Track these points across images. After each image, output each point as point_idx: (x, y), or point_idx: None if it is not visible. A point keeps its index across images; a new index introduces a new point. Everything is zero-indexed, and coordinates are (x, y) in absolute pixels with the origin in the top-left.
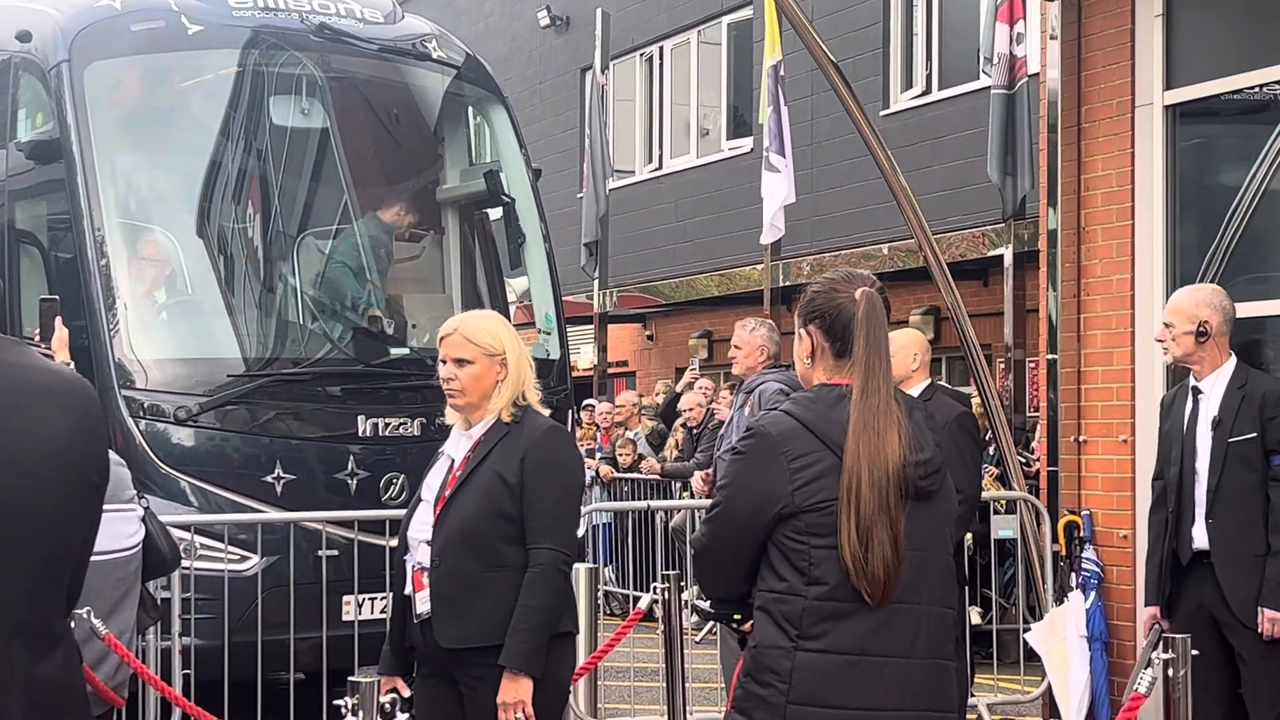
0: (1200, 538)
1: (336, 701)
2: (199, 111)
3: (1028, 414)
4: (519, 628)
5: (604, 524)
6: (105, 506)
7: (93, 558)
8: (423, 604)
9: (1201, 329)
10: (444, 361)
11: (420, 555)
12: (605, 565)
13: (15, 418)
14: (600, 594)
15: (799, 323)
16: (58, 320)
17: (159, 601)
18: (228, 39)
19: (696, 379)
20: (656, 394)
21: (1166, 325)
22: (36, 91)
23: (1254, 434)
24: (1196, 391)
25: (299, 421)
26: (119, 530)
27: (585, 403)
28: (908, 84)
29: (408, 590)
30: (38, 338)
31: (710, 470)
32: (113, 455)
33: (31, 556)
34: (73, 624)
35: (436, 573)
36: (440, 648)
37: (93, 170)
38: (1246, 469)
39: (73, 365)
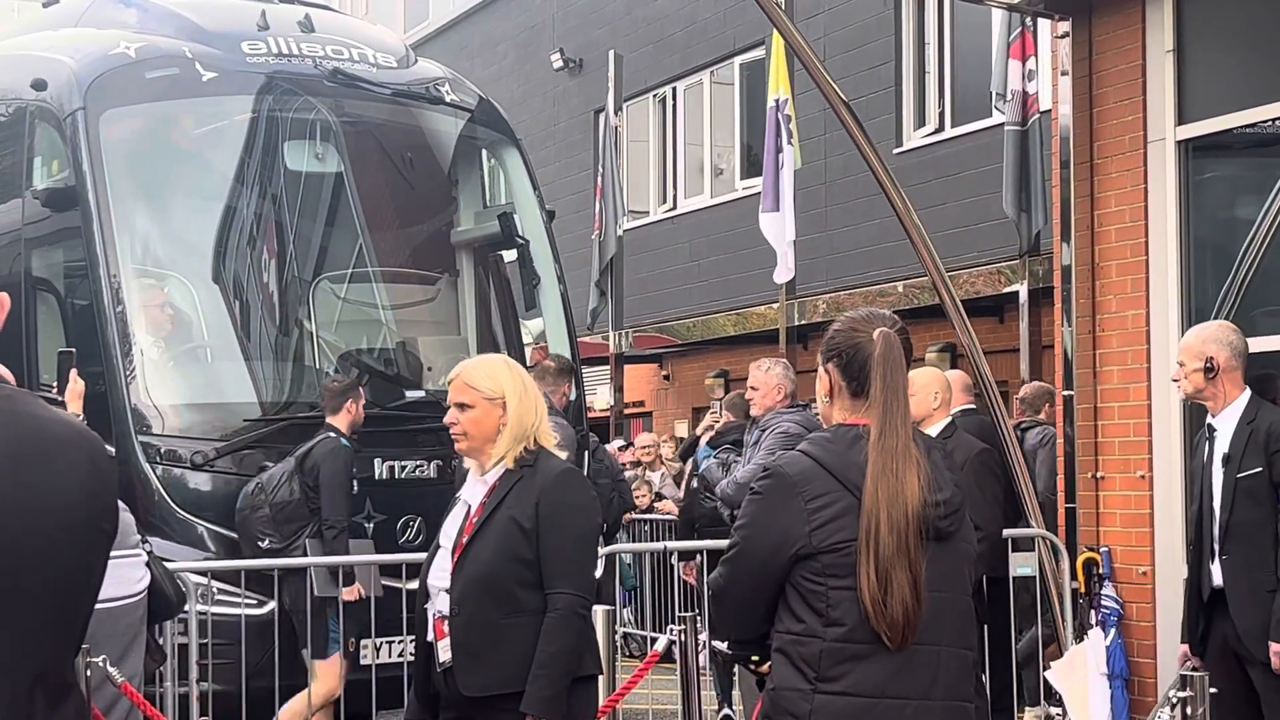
0: (1217, 574)
1: None
2: (214, 157)
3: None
4: (539, 674)
5: (623, 565)
6: (112, 553)
7: (102, 605)
8: (444, 652)
9: (1209, 365)
10: (449, 406)
11: (440, 603)
12: (623, 607)
13: (36, 470)
14: (618, 636)
15: (820, 360)
16: (73, 372)
17: (162, 645)
18: (242, 85)
19: (719, 420)
20: (677, 436)
21: (1180, 364)
22: (52, 139)
23: (1260, 469)
24: (1211, 428)
25: None
26: (126, 576)
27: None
28: (920, 122)
29: (429, 638)
30: (55, 388)
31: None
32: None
33: (50, 607)
34: (88, 671)
35: (456, 621)
36: (463, 695)
37: (108, 217)
38: (1254, 504)
39: (84, 417)
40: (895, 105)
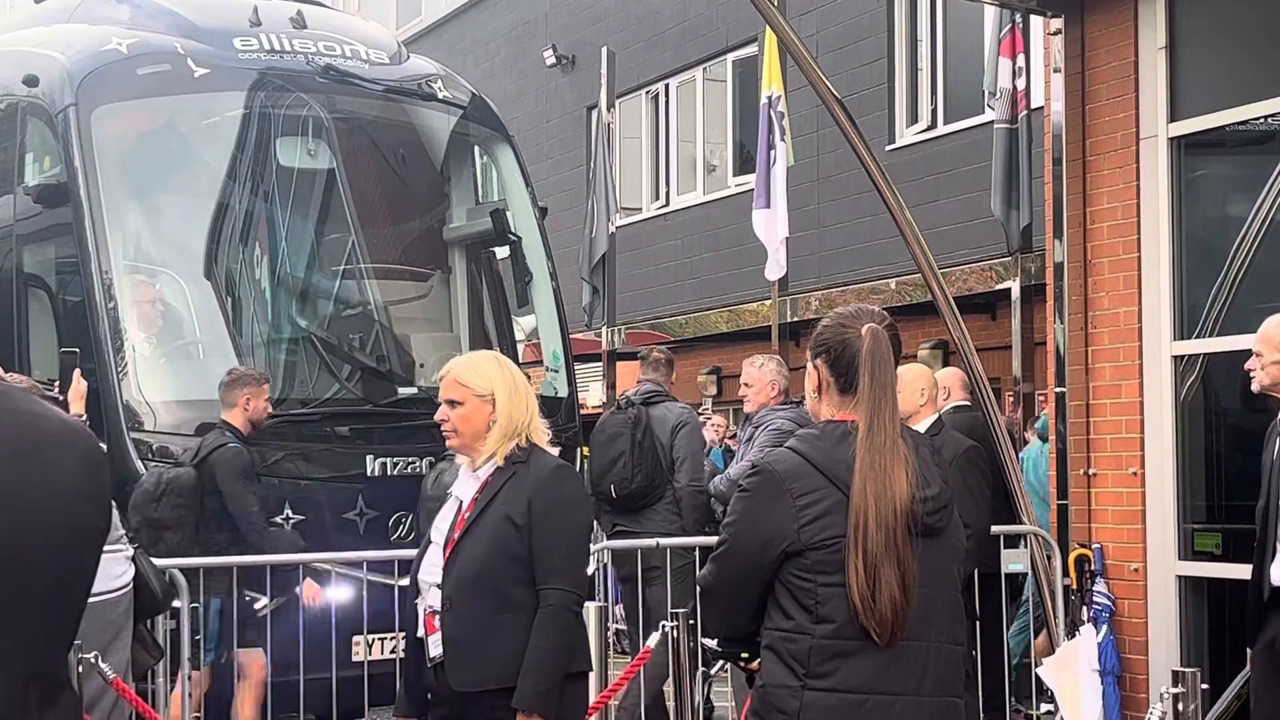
0: (1276, 574)
1: None
2: (206, 154)
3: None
4: (530, 669)
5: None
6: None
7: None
8: (435, 648)
9: None
10: (441, 402)
11: (431, 599)
12: (615, 603)
13: (33, 467)
14: (610, 632)
15: (809, 356)
16: (76, 373)
17: (159, 642)
18: (234, 81)
19: (709, 417)
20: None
21: (1256, 354)
22: (44, 136)
23: None
24: None
25: (307, 462)
26: (108, 571)
27: None
28: (913, 119)
29: (420, 633)
30: (57, 388)
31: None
32: None
33: (45, 604)
34: (80, 669)
35: (448, 616)
36: (454, 690)
37: (100, 214)
38: None
39: (86, 418)
40: (888, 102)
